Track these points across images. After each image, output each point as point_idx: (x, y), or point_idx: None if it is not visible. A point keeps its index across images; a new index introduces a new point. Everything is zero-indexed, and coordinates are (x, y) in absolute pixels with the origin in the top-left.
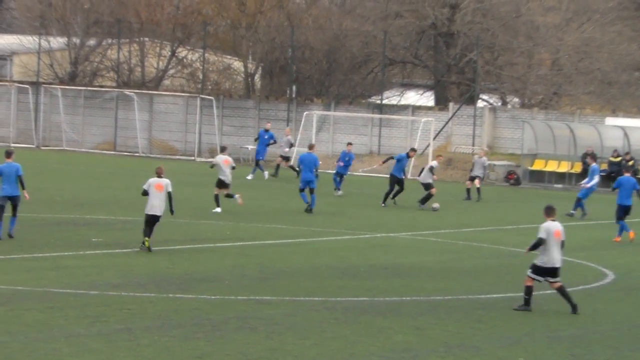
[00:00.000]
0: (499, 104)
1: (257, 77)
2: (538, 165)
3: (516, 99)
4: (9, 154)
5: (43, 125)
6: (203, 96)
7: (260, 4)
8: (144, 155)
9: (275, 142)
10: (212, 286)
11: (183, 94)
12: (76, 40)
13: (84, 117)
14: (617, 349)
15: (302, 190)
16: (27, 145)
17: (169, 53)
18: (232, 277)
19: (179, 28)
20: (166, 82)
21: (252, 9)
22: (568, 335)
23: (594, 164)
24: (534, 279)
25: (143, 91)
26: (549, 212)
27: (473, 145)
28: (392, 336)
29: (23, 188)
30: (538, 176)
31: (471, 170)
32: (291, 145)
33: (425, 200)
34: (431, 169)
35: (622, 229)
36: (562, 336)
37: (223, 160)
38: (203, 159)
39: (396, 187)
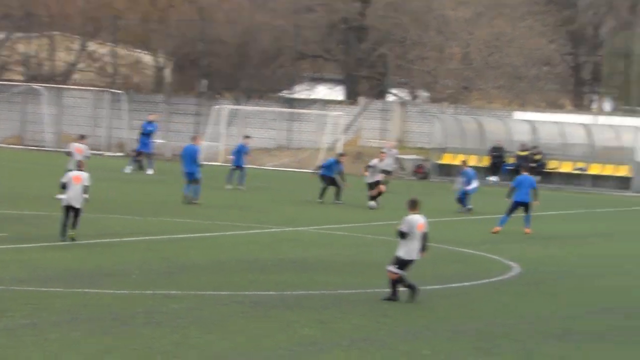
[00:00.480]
0: (409, 98)
1: (167, 72)
2: (447, 159)
3: (426, 93)
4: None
5: None
6: (113, 90)
7: None
8: (52, 149)
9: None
10: (119, 281)
11: (92, 88)
12: None
13: None
14: (523, 342)
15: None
16: None
17: (79, 47)
18: (139, 272)
19: (89, 22)
20: (76, 76)
21: (163, 3)
22: (472, 328)
23: (467, 169)
24: (395, 272)
25: (52, 85)
26: (413, 205)
27: (382, 139)
28: (299, 330)
29: None
30: (447, 170)
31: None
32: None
33: (373, 197)
34: (372, 167)
35: (504, 221)
36: (465, 329)
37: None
38: (111, 153)
39: (331, 187)
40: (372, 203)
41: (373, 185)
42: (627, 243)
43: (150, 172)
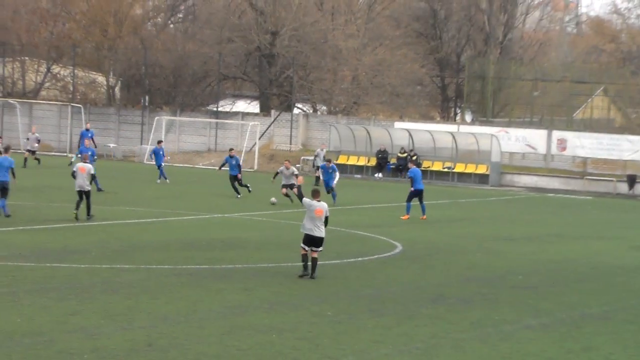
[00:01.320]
0: (311, 111)
1: (117, 89)
2: (342, 160)
3: (324, 107)
4: (6, 150)
5: None
6: (73, 104)
7: (119, 30)
8: (24, 151)
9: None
10: (82, 257)
11: (57, 103)
12: None
13: None
14: (405, 305)
15: None
16: None
17: (45, 69)
18: (97, 250)
19: (53, 49)
20: (43, 92)
21: (112, 34)
22: (366, 294)
23: (414, 167)
24: (304, 248)
25: (24, 100)
26: (315, 194)
27: (290, 143)
28: (227, 296)
29: (14, 177)
30: (342, 168)
31: (314, 160)
32: (38, 141)
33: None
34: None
35: (409, 208)
36: (361, 295)
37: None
38: (73, 155)
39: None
40: (274, 199)
41: (289, 186)
42: (486, 226)
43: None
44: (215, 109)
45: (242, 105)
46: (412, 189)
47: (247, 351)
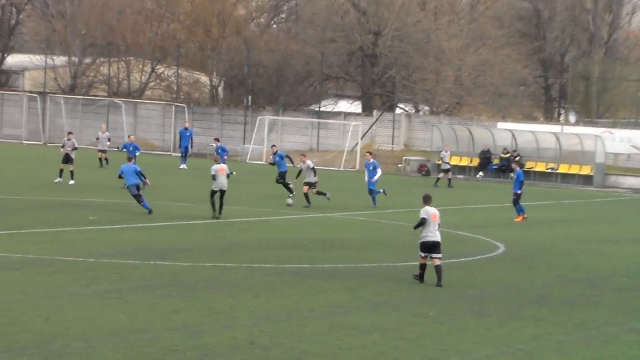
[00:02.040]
0: (413, 111)
1: (220, 89)
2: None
3: (426, 107)
4: (129, 159)
5: (49, 127)
6: (177, 104)
7: (223, 31)
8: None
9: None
10: (185, 255)
11: (161, 102)
12: (75, 58)
13: (82, 121)
14: (507, 306)
15: None
16: (36, 142)
17: (150, 69)
18: (200, 249)
19: (157, 49)
20: (147, 92)
21: (216, 34)
22: (468, 295)
23: (518, 169)
24: (423, 256)
25: (129, 100)
26: (427, 200)
27: (392, 143)
28: (329, 295)
29: (145, 177)
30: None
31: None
32: (109, 140)
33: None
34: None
35: (521, 209)
36: (463, 295)
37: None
38: (177, 154)
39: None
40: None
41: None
42: (590, 227)
43: (183, 166)
44: (317, 109)
45: (344, 105)
46: (519, 191)
47: (349, 351)
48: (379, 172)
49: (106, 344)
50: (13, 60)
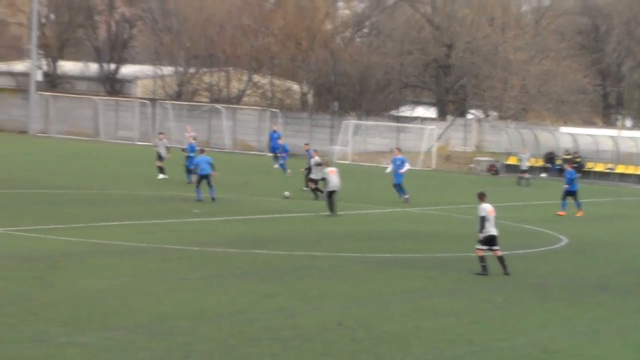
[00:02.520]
0: (483, 116)
1: (309, 96)
2: (512, 160)
3: (495, 113)
4: (201, 151)
5: (157, 129)
6: (271, 109)
7: (312, 43)
8: (229, 151)
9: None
10: (280, 245)
11: (257, 108)
12: (181, 69)
13: (187, 124)
14: (569, 293)
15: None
16: (147, 143)
17: (247, 78)
18: (294, 239)
19: (253, 61)
20: (245, 99)
21: (305, 47)
22: (532, 283)
23: (568, 169)
24: (482, 249)
25: (229, 105)
26: (482, 197)
27: (465, 145)
28: (410, 282)
29: (214, 170)
30: (512, 168)
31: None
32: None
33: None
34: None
35: (564, 205)
36: (527, 284)
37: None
38: (271, 154)
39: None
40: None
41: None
42: None
43: (276, 166)
44: (396, 114)
45: (420, 111)
46: (567, 187)
47: (427, 331)
48: (407, 166)
49: (210, 324)
50: (126, 70)
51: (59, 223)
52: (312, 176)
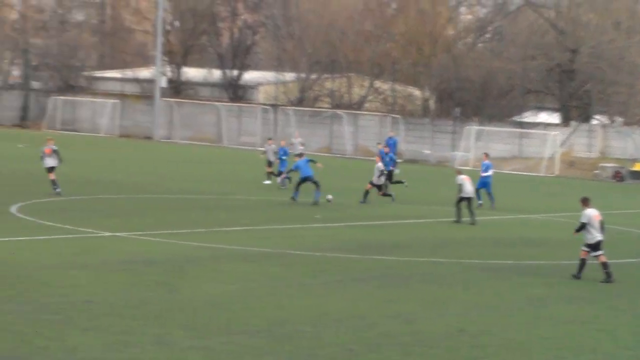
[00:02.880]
0: (608, 122)
1: (431, 102)
2: (638, 167)
3: (621, 118)
4: (300, 155)
5: (280, 135)
6: (392, 115)
7: (433, 49)
8: (350, 157)
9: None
10: (401, 250)
11: (378, 113)
12: (303, 75)
13: (308, 130)
14: None
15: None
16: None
17: (368, 84)
18: (415, 245)
19: (375, 66)
20: (366, 104)
21: (427, 52)
22: None
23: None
24: (587, 252)
25: (350, 111)
26: (585, 202)
27: (590, 152)
28: (532, 290)
29: (315, 162)
30: (638, 175)
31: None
32: (302, 145)
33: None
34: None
35: None
36: None
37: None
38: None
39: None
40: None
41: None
42: None
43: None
44: (519, 120)
45: (544, 117)
46: None
47: (550, 339)
48: (489, 172)
49: (330, 328)
50: (249, 76)
51: (183, 228)
52: (376, 181)
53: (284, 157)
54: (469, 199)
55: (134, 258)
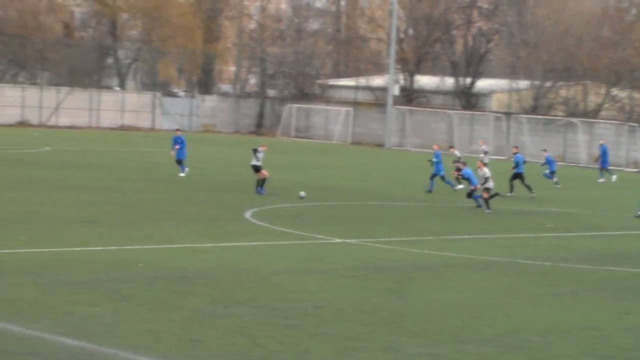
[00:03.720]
0: None
1: None
2: None
3: None
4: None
5: (511, 144)
6: (629, 123)
7: None
8: (584, 165)
9: None
10: (636, 261)
11: (614, 122)
12: (537, 82)
13: (541, 138)
14: None
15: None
16: (501, 157)
17: (605, 92)
18: None
19: (612, 73)
20: (602, 112)
21: None
22: None
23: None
24: None
25: (585, 119)
26: None
27: None
28: None
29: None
30: None
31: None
32: (485, 153)
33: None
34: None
35: None
36: None
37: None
38: (629, 169)
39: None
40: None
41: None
42: None
43: (601, 180)
44: None
45: None
46: None
47: None
48: (552, 166)
49: (561, 340)
50: (482, 84)
51: (412, 235)
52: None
53: (435, 160)
54: None
55: (364, 264)
